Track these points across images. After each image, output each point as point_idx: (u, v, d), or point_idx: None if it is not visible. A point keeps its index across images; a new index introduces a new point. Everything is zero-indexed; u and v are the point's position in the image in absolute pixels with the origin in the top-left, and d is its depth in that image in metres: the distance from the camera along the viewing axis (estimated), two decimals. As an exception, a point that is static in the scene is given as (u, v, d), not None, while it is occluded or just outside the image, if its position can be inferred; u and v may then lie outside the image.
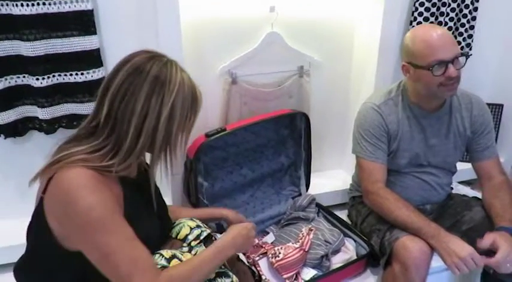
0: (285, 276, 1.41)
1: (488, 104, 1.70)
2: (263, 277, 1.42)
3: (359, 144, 1.53)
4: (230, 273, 1.04)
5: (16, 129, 1.48)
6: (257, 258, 1.50)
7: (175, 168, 1.00)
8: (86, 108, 1.49)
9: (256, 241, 1.56)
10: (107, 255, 0.84)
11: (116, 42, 1.50)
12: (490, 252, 1.28)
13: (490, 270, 1.39)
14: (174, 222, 1.16)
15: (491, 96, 2.13)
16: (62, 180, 0.84)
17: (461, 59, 1.38)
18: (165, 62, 0.93)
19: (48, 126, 1.48)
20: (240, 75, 1.71)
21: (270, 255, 1.44)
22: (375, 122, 1.50)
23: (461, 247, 1.27)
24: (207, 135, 1.56)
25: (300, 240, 1.50)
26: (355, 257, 1.56)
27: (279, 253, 1.42)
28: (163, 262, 0.95)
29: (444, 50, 1.33)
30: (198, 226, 1.13)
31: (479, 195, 1.58)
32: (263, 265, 1.46)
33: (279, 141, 1.82)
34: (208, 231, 1.13)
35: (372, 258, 1.54)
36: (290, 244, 1.50)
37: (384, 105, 1.51)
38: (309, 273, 1.47)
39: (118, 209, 0.88)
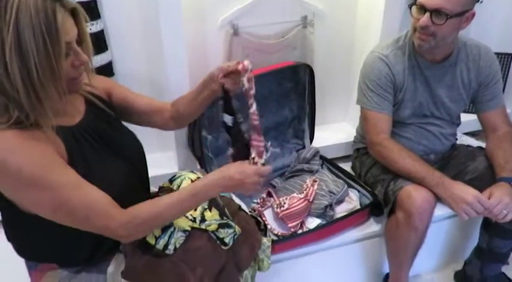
0: (290, 225, 1.43)
1: (497, 54, 1.64)
2: (268, 226, 1.44)
3: (364, 95, 1.50)
4: (232, 224, 1.04)
5: None
6: (262, 209, 1.52)
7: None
8: None
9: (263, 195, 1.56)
10: (57, 209, 0.81)
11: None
12: None
13: (492, 220, 1.40)
14: (174, 175, 1.14)
15: (500, 45, 2.06)
16: None
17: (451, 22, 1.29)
18: None
19: None
20: (242, 26, 1.65)
21: (275, 206, 1.45)
22: (381, 72, 1.46)
23: (466, 192, 1.28)
24: (210, 89, 1.53)
25: (305, 191, 1.51)
26: (358, 207, 1.57)
27: (284, 203, 1.44)
28: None
29: None
30: (199, 178, 1.13)
31: (483, 145, 1.56)
32: (268, 215, 1.47)
33: (282, 94, 1.79)
34: None
35: (376, 208, 1.55)
36: (295, 195, 1.50)
37: (392, 54, 1.46)
38: (313, 222, 1.49)
39: (55, 160, 0.82)
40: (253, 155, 1.00)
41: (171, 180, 1.15)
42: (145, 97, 1.16)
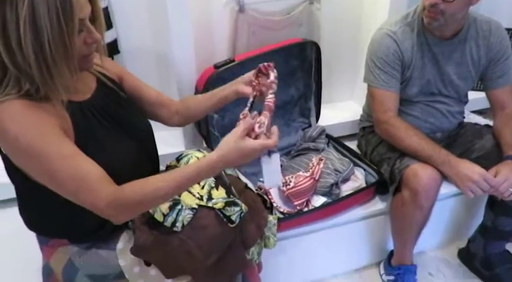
0: (296, 203, 1.44)
1: (507, 29, 1.61)
2: (274, 204, 1.45)
3: (372, 72, 1.48)
4: (239, 202, 1.04)
5: None
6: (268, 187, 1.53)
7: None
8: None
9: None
10: (50, 178, 0.82)
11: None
12: None
13: (498, 198, 1.40)
14: (181, 154, 1.14)
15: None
16: None
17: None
18: None
19: None
20: (248, 3, 1.62)
21: (281, 184, 1.46)
22: (389, 50, 1.44)
23: (472, 170, 1.28)
24: (216, 67, 1.52)
25: (311, 170, 1.51)
26: (364, 185, 1.58)
27: (290, 182, 1.44)
28: None
29: None
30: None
31: (491, 123, 1.55)
32: (274, 193, 1.48)
33: (288, 73, 1.78)
34: None
35: (381, 186, 1.56)
36: (301, 173, 1.51)
37: (400, 31, 1.44)
38: (319, 200, 1.50)
39: (53, 131, 0.82)
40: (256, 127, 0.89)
41: (178, 159, 1.15)
42: (154, 89, 1.17)
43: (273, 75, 1.03)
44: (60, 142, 0.82)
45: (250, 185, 1.22)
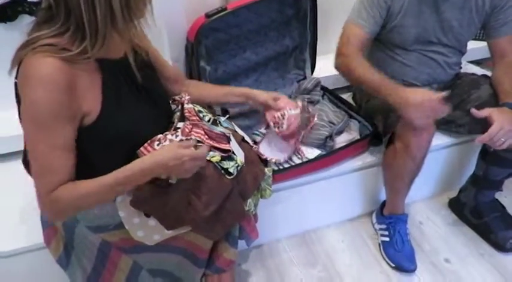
0: (291, 142, 1.43)
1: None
2: (263, 157, 1.41)
3: (356, 10, 1.48)
4: (234, 157, 1.07)
5: (5, 14, 1.42)
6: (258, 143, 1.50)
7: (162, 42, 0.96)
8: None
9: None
10: (32, 149, 0.89)
11: None
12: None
13: (491, 149, 1.45)
14: (175, 110, 1.17)
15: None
16: (26, 67, 0.84)
17: None
18: None
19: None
20: None
21: (273, 124, 1.34)
22: None
23: (414, 93, 1.27)
24: (207, 16, 1.49)
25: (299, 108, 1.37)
26: (358, 137, 1.62)
27: (282, 123, 1.32)
28: None
29: None
30: (199, 111, 1.15)
31: (489, 74, 1.57)
32: (264, 146, 1.46)
33: (283, 22, 1.76)
34: (210, 115, 1.14)
35: (375, 138, 1.60)
36: (287, 111, 1.34)
37: None
38: (313, 152, 1.54)
39: (64, 115, 0.87)
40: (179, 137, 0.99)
41: (171, 113, 1.17)
42: (171, 65, 1.22)
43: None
44: (62, 131, 0.88)
45: (246, 138, 1.24)
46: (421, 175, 1.47)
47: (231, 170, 1.03)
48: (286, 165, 1.49)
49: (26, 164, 1.03)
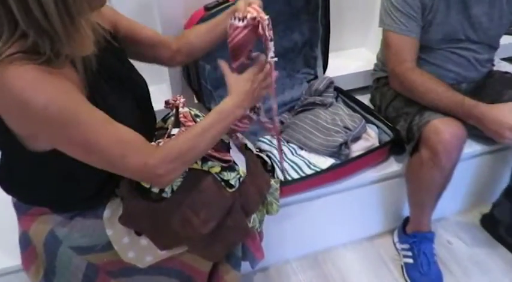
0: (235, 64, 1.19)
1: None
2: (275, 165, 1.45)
3: (389, 14, 1.47)
4: (236, 167, 1.07)
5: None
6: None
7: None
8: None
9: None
10: (89, 147, 0.85)
11: None
12: None
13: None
14: (168, 113, 1.16)
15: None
16: (3, 84, 0.79)
17: None
18: None
19: None
20: None
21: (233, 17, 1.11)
22: None
23: (506, 114, 1.29)
24: (207, 9, 1.50)
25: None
26: (377, 144, 1.61)
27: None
28: None
29: None
30: (196, 115, 1.15)
31: (524, 72, 1.57)
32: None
33: (291, 15, 1.76)
34: None
35: (397, 145, 1.59)
36: (231, 20, 1.09)
37: None
38: (326, 162, 1.52)
39: (79, 95, 0.85)
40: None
41: (164, 119, 1.18)
42: (150, 29, 1.19)
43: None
44: (93, 108, 0.86)
45: (249, 145, 1.24)
46: (450, 187, 1.46)
47: (232, 182, 1.02)
48: (295, 177, 1.48)
49: (5, 181, 1.03)
